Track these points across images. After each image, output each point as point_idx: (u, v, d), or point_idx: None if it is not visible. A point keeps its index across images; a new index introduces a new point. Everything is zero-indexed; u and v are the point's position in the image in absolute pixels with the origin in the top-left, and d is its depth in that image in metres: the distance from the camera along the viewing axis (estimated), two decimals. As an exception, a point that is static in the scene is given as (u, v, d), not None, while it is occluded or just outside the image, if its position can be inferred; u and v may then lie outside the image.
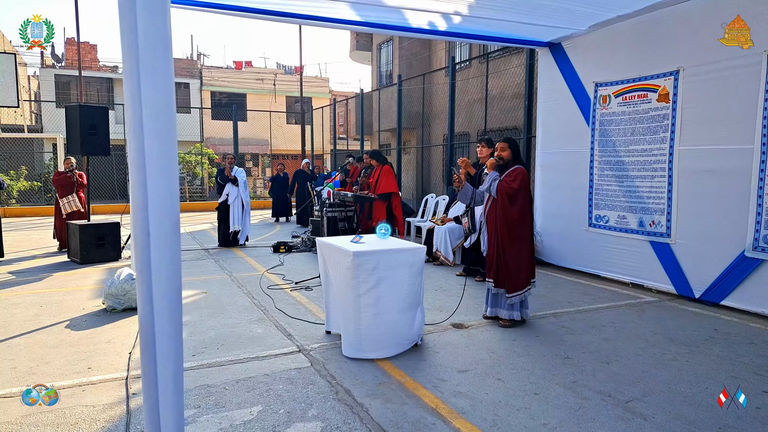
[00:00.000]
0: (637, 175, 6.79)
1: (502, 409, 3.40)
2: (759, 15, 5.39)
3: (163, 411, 1.97)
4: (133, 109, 1.79)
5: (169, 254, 1.91)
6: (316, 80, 33.54)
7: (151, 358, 1.94)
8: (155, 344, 1.90)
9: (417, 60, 16.76)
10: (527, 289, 5.17)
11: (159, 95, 1.80)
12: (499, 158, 5.22)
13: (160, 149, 1.80)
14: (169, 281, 1.94)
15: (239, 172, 10.05)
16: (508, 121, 11.60)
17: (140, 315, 1.99)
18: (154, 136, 1.79)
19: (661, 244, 6.52)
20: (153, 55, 1.78)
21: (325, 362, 4.19)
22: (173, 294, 1.96)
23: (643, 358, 4.32)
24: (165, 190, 1.84)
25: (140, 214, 1.84)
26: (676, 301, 6.17)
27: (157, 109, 1.79)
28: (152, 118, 1.78)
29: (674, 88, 6.28)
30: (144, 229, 1.85)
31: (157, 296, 1.92)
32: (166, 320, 1.94)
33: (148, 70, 1.77)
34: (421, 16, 6.85)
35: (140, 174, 1.80)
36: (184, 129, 25.60)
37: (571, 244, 7.86)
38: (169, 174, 1.84)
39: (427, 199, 11.38)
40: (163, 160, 1.81)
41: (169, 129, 1.83)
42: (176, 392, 2.00)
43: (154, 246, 1.86)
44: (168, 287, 1.94)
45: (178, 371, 2.01)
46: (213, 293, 6.44)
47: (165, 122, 1.81)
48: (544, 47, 8.14)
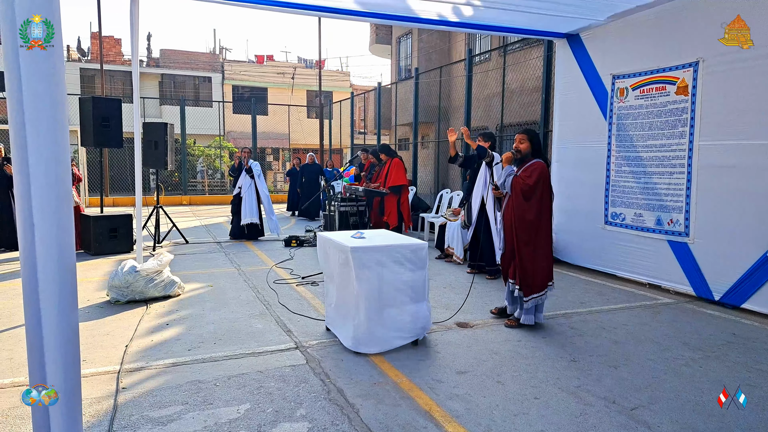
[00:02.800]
0: (655, 171, 6.54)
1: (499, 413, 3.25)
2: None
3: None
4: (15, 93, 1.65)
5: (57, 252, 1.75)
6: (337, 74, 33.49)
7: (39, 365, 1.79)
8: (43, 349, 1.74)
9: (436, 53, 16.54)
10: (544, 292, 4.90)
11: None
12: (517, 151, 4.90)
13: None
14: (58, 281, 1.77)
15: (254, 164, 10.00)
16: (527, 115, 11.34)
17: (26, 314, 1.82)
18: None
19: (679, 243, 6.27)
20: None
21: (321, 360, 4.08)
22: (65, 297, 1.79)
23: (653, 363, 4.12)
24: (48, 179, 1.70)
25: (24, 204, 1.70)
26: (695, 303, 5.93)
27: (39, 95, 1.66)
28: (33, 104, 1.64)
29: (693, 80, 6.02)
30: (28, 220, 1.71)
31: (44, 296, 1.75)
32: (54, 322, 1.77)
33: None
34: (440, 7, 6.66)
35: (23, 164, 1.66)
36: (205, 123, 25.73)
37: (586, 242, 7.63)
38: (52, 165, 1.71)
39: (442, 195, 11.20)
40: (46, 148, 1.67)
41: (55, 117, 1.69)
42: (69, 410, 1.84)
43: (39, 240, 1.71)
44: (58, 288, 1.77)
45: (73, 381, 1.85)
46: (219, 287, 6.38)
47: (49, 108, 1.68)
48: (562, 38, 7.91)
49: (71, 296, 1.79)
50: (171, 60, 30.07)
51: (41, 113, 1.67)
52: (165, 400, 3.38)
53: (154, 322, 5.02)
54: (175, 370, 3.88)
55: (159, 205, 9.47)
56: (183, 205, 18.25)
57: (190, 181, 22.60)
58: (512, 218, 4.91)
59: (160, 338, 4.57)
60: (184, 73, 29.76)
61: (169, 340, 4.53)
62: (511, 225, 4.92)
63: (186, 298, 5.88)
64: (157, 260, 5.86)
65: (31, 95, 1.65)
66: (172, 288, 5.91)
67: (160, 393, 3.48)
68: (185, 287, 6.18)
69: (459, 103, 14.26)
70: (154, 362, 4.01)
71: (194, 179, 24.10)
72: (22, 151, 1.65)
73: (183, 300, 5.81)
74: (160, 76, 29.37)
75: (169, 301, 5.73)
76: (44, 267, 1.69)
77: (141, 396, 3.45)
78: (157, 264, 5.78)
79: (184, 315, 5.26)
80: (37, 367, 1.75)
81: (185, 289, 6.14)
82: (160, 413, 3.21)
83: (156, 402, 3.35)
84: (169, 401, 3.36)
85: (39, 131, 1.66)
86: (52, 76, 1.68)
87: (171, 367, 3.94)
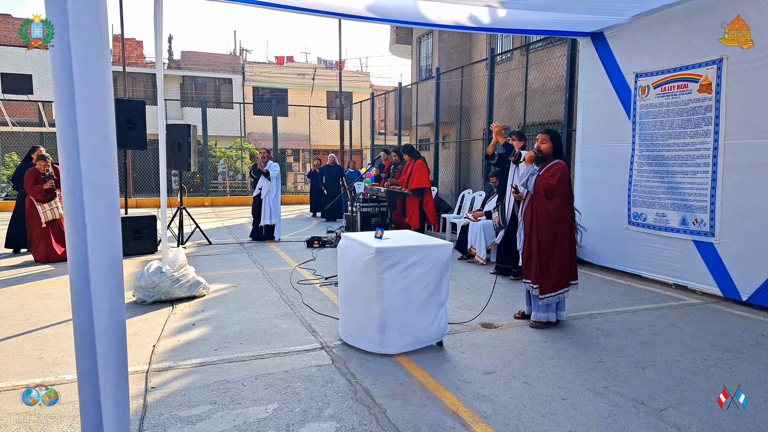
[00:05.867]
0: (678, 171, 6.46)
1: (527, 414, 3.25)
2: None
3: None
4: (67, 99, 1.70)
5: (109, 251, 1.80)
6: (357, 75, 33.55)
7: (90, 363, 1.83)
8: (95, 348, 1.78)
9: (457, 53, 16.48)
10: (566, 290, 4.93)
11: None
12: (538, 151, 4.95)
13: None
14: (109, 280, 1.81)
15: (273, 166, 10.07)
16: (549, 114, 11.26)
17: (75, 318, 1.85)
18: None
19: (705, 243, 6.18)
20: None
21: (347, 360, 4.10)
22: (114, 293, 1.84)
23: (681, 364, 4.08)
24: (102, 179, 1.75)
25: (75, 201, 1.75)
26: (722, 304, 5.84)
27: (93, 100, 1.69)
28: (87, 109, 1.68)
29: (717, 78, 5.93)
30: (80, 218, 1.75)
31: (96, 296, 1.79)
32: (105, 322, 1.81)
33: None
34: (461, 10, 6.65)
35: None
36: (226, 124, 25.97)
37: (610, 243, 7.55)
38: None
39: (464, 195, 11.17)
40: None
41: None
42: (119, 405, 1.87)
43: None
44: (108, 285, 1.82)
45: (122, 377, 1.88)
46: (242, 287, 6.44)
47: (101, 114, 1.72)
48: (586, 37, 7.84)
49: (120, 293, 1.86)
50: (192, 62, 30.40)
51: (94, 117, 1.73)
52: (194, 399, 3.43)
53: (181, 323, 5.08)
54: (202, 369, 3.93)
55: (182, 206, 9.58)
56: (205, 207, 18.43)
57: (212, 182, 22.82)
58: (533, 217, 4.94)
59: (186, 338, 4.63)
60: (205, 74, 30.07)
61: (195, 340, 4.59)
62: (531, 224, 4.95)
63: (211, 299, 5.94)
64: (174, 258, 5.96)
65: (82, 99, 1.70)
66: (197, 288, 5.98)
67: (189, 392, 3.53)
68: (210, 288, 6.25)
69: (480, 103, 14.19)
70: (181, 362, 4.07)
71: (215, 180, 24.33)
72: (73, 155, 1.71)
73: (208, 300, 5.88)
74: (182, 78, 29.71)
75: (195, 302, 5.80)
76: (95, 266, 1.73)
77: (170, 395, 3.50)
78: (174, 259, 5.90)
79: (209, 315, 5.32)
80: (87, 365, 1.78)
81: (210, 290, 6.21)
82: (189, 412, 3.25)
83: (185, 401, 3.40)
84: (198, 401, 3.41)
85: (90, 140, 1.71)
86: (103, 81, 1.74)
87: (198, 366, 3.99)
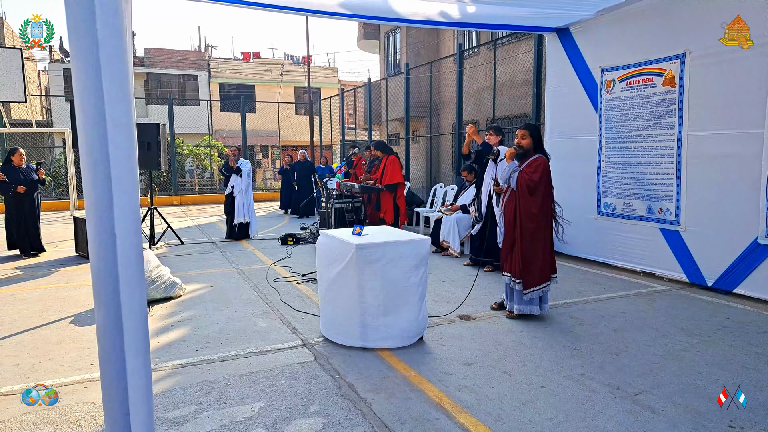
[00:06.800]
0: (642, 162, 6.67)
1: (508, 403, 3.34)
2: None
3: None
4: (94, 101, 1.70)
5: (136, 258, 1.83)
6: (325, 70, 33.41)
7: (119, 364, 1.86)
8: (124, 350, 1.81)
9: (425, 48, 16.57)
10: (547, 283, 5.02)
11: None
12: (519, 147, 4.97)
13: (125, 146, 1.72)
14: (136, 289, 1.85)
15: (244, 163, 10.01)
16: (517, 108, 11.44)
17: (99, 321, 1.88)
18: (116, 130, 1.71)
19: (671, 231, 6.39)
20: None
21: (330, 356, 4.14)
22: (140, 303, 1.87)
23: (653, 349, 4.23)
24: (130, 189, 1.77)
25: (105, 214, 1.76)
26: (688, 290, 6.06)
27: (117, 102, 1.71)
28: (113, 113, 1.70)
29: (680, 72, 6.13)
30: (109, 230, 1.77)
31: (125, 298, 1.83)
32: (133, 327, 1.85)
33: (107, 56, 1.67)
34: (429, 6, 6.70)
35: (104, 171, 1.72)
36: (193, 121, 25.59)
37: (581, 233, 7.72)
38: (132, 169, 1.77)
39: (436, 189, 11.28)
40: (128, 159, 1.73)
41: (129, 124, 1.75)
42: (146, 400, 1.90)
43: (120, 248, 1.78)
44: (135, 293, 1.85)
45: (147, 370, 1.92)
46: (219, 287, 6.42)
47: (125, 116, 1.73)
48: (552, 32, 7.99)
49: (143, 292, 1.90)
50: (156, 59, 29.85)
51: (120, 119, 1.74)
52: (178, 400, 3.43)
53: (159, 324, 5.05)
54: (185, 371, 3.92)
55: (153, 206, 9.45)
56: (174, 206, 18.18)
57: (180, 181, 22.50)
58: (515, 213, 4.97)
59: (165, 340, 4.60)
60: (170, 71, 29.55)
61: (175, 341, 4.57)
62: (514, 219, 4.99)
63: (188, 299, 5.91)
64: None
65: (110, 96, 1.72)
66: (173, 289, 5.94)
67: (173, 394, 3.53)
68: (186, 288, 6.21)
69: (449, 98, 14.33)
70: (162, 364, 4.05)
71: (183, 179, 23.99)
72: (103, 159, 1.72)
73: (185, 301, 5.84)
74: (146, 75, 29.14)
75: (171, 303, 5.76)
76: (124, 264, 1.75)
77: (154, 398, 3.49)
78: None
79: (187, 316, 5.29)
80: (115, 367, 1.80)
81: (186, 290, 6.17)
82: (174, 414, 3.25)
83: (169, 403, 3.40)
84: (183, 402, 3.41)
85: (117, 142, 1.72)
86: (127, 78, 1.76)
87: (180, 368, 3.98)
